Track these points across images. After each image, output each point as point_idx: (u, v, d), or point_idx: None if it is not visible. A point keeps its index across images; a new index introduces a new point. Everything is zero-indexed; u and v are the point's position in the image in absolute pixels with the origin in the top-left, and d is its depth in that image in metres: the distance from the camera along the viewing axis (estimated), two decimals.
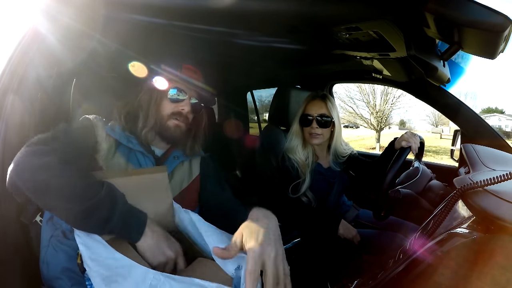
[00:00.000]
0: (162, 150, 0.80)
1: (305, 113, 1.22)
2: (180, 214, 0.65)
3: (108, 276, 0.42)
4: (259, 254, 0.45)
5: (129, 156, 0.71)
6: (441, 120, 24.54)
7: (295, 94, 1.45)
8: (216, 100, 2.29)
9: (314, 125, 1.20)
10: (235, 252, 0.47)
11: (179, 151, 0.81)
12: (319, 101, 1.22)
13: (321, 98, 1.23)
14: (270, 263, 0.46)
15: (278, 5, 0.79)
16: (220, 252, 0.46)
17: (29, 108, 0.70)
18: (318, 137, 1.22)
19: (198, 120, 0.85)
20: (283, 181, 1.23)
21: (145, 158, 0.73)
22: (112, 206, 0.52)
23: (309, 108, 1.22)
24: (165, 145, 0.80)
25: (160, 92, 0.75)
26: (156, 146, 0.79)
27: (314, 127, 1.20)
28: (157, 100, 0.75)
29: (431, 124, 26.68)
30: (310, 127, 1.21)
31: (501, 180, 0.42)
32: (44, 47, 0.70)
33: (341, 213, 1.32)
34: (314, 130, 1.20)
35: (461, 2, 0.58)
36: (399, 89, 1.37)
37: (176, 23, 0.89)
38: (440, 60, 0.82)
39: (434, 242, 0.44)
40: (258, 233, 0.48)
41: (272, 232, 0.50)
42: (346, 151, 1.32)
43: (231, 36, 1.04)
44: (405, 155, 1.03)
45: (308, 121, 1.21)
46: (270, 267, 0.46)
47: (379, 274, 0.53)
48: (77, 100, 0.85)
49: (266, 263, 0.46)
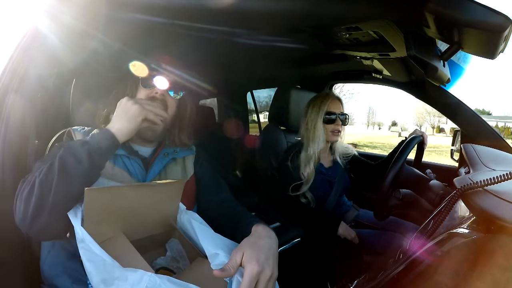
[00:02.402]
0: (150, 149, 0.78)
1: (328, 111, 1.25)
2: (182, 214, 0.65)
3: (106, 279, 0.42)
4: (256, 273, 0.47)
5: (115, 162, 0.69)
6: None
7: (295, 94, 1.45)
8: (216, 100, 2.31)
9: (338, 122, 1.25)
10: (234, 271, 0.48)
11: (170, 148, 0.79)
12: (337, 100, 1.27)
13: (337, 98, 1.28)
14: (263, 284, 0.48)
15: (278, 4, 0.79)
16: (220, 274, 0.47)
17: (30, 108, 0.70)
18: (339, 135, 1.27)
19: (182, 112, 0.81)
20: (284, 179, 1.24)
21: (130, 160, 0.71)
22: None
23: (332, 106, 1.26)
24: (152, 144, 0.78)
25: (133, 85, 0.74)
26: (141, 145, 0.76)
27: (338, 125, 1.25)
28: (132, 94, 0.74)
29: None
30: (335, 125, 1.25)
31: (501, 180, 0.42)
32: (45, 46, 0.70)
33: (341, 213, 1.32)
34: (338, 127, 1.25)
35: (461, 2, 0.58)
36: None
37: (176, 22, 0.89)
38: (440, 60, 0.82)
39: (434, 242, 0.44)
40: (259, 254, 0.50)
41: (272, 254, 0.53)
42: (349, 151, 1.36)
43: (231, 36, 1.04)
44: (415, 142, 1.05)
45: (332, 119, 1.25)
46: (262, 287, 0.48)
47: (379, 274, 0.53)
48: (77, 99, 0.85)
49: (260, 282, 0.48)
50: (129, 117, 0.62)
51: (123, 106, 0.64)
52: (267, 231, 0.58)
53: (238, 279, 0.48)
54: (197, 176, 0.83)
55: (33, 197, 0.52)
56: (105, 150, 0.58)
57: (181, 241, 0.63)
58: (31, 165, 0.73)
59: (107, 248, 0.47)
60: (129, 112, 0.62)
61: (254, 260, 0.48)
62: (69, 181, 0.53)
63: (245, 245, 0.51)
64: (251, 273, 0.47)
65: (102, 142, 0.58)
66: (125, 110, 0.63)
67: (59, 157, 0.54)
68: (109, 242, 0.52)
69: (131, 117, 0.62)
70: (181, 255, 0.62)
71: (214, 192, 0.81)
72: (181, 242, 0.63)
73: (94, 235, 0.47)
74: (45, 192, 0.52)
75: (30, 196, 0.53)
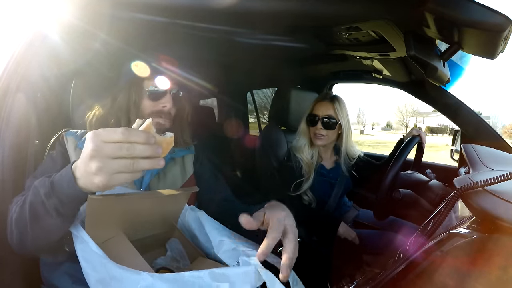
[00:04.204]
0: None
1: (312, 113, 1.23)
2: (187, 212, 0.65)
3: (103, 278, 0.42)
4: (283, 218, 0.48)
5: None
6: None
7: (295, 94, 1.45)
8: (216, 100, 2.31)
9: (319, 126, 1.21)
10: (259, 222, 0.49)
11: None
12: (327, 103, 1.23)
13: (329, 100, 1.23)
14: (291, 228, 0.48)
15: (278, 4, 0.79)
16: (246, 220, 0.47)
17: (30, 108, 0.70)
18: (323, 138, 1.22)
19: (180, 110, 0.81)
20: (285, 179, 1.23)
21: None
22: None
23: (316, 108, 1.23)
24: None
25: (139, 92, 0.72)
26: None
27: (319, 128, 1.21)
28: (136, 101, 0.72)
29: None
30: (315, 128, 1.22)
31: (501, 180, 0.42)
32: (46, 46, 0.70)
33: (341, 214, 1.32)
34: (318, 131, 1.21)
35: (461, 2, 0.58)
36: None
37: (177, 21, 0.89)
38: (440, 60, 0.82)
39: (434, 242, 0.44)
40: (279, 207, 0.52)
41: (291, 214, 0.53)
42: (356, 153, 1.33)
43: (231, 35, 1.04)
44: (413, 143, 1.04)
45: (314, 122, 1.22)
46: (291, 231, 0.48)
47: (379, 274, 0.53)
48: (77, 99, 0.85)
49: (288, 228, 0.48)
50: (90, 180, 0.41)
51: (84, 159, 0.41)
52: (280, 204, 0.57)
53: (243, 260, 0.48)
54: (197, 175, 0.83)
55: (14, 231, 0.50)
56: (72, 204, 0.46)
57: (181, 241, 0.63)
58: (31, 165, 0.73)
59: (107, 249, 0.47)
60: (89, 171, 0.41)
61: (276, 211, 0.50)
62: (44, 229, 0.47)
63: (263, 209, 0.52)
64: (276, 219, 0.48)
65: (66, 196, 0.44)
66: (87, 167, 0.40)
67: (29, 204, 0.47)
68: (109, 242, 0.52)
69: (92, 181, 0.41)
70: (182, 255, 0.62)
71: (214, 191, 0.81)
72: (181, 242, 0.63)
73: (94, 237, 0.47)
74: (23, 232, 0.49)
75: (12, 227, 0.50)
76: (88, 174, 0.41)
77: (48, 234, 0.48)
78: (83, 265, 0.44)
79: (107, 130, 0.40)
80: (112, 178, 0.39)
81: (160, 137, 0.44)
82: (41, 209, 0.45)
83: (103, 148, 0.39)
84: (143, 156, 0.40)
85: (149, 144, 0.40)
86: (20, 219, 0.49)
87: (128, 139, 0.39)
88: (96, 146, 0.39)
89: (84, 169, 0.41)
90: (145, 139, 0.40)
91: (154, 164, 0.42)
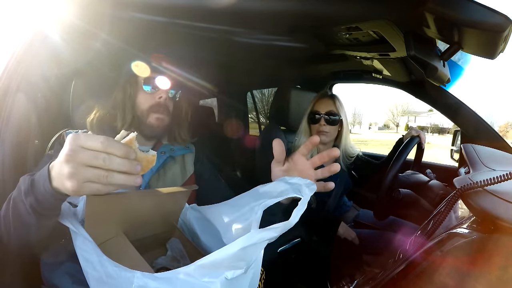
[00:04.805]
0: (147, 147, 0.76)
1: (313, 110, 1.23)
2: (187, 211, 0.65)
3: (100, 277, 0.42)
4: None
5: None
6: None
7: (295, 94, 1.45)
8: (216, 100, 2.31)
9: (322, 123, 1.22)
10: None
11: (167, 147, 0.79)
12: (327, 100, 1.24)
13: (329, 97, 1.25)
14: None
15: (278, 4, 0.79)
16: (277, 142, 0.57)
17: (30, 108, 0.70)
18: (326, 135, 1.22)
19: (178, 108, 0.81)
20: None
21: None
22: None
23: (317, 106, 1.23)
24: (150, 141, 0.78)
25: (134, 86, 0.72)
26: (138, 142, 0.76)
27: (322, 125, 1.22)
28: (132, 94, 0.72)
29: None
30: (318, 125, 1.22)
31: (501, 180, 0.42)
32: (46, 45, 0.70)
33: (341, 214, 1.32)
34: (322, 127, 1.22)
35: (461, 2, 0.58)
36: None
37: (177, 21, 0.89)
38: (440, 60, 0.82)
39: (434, 242, 0.44)
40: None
41: None
42: (354, 152, 1.33)
43: (231, 35, 1.04)
44: (413, 144, 1.04)
45: (316, 119, 1.22)
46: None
47: (379, 274, 0.53)
48: (77, 99, 0.85)
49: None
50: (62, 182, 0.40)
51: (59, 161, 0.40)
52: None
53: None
54: (197, 174, 0.83)
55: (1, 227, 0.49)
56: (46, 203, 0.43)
57: (181, 241, 0.63)
58: (31, 165, 0.73)
59: (107, 249, 0.47)
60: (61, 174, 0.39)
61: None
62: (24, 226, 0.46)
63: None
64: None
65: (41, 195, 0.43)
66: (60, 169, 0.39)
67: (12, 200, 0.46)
68: (109, 242, 0.52)
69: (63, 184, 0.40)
70: (182, 254, 0.62)
71: (214, 190, 0.82)
72: (182, 242, 0.63)
73: (94, 236, 0.47)
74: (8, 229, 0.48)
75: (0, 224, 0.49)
76: (60, 176, 0.39)
77: (28, 231, 0.47)
78: (83, 264, 0.44)
79: (88, 136, 0.38)
80: (83, 186, 0.38)
81: (142, 154, 0.43)
82: (21, 206, 0.44)
83: (79, 154, 0.37)
84: (119, 170, 0.39)
85: (127, 159, 0.39)
86: (6, 215, 0.48)
87: (106, 149, 0.37)
88: (71, 150, 0.37)
89: (58, 171, 0.40)
90: (124, 153, 0.38)
91: (130, 181, 0.40)
